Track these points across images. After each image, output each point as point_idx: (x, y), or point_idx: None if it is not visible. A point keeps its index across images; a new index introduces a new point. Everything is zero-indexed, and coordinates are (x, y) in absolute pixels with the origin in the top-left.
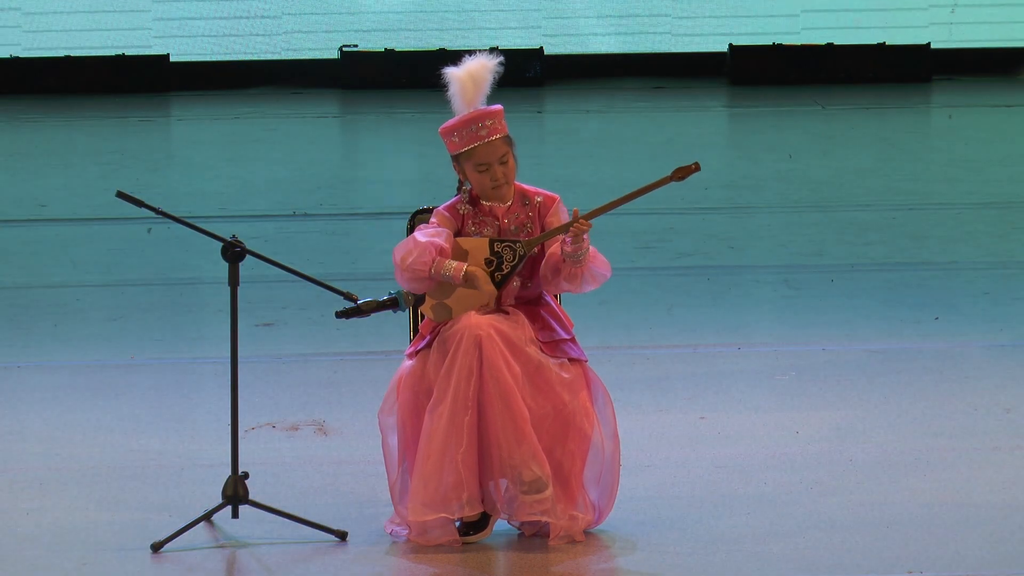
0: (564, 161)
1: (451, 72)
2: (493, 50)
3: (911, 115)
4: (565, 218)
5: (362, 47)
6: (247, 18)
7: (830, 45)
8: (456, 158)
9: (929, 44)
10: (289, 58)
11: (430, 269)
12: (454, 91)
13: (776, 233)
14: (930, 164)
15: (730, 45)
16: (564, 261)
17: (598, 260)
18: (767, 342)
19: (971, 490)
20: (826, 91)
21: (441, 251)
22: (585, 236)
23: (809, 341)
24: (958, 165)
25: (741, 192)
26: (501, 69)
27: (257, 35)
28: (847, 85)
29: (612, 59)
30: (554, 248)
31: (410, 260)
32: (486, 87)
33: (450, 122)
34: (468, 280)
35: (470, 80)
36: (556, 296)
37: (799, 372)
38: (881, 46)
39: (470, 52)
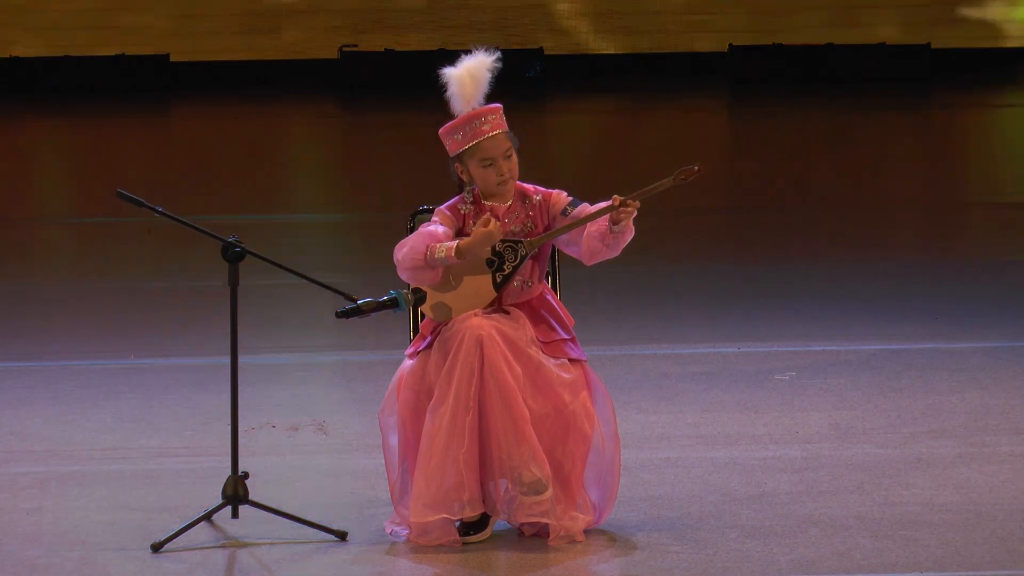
0: (564, 161)
1: (449, 71)
2: (491, 48)
3: (911, 115)
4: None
5: (362, 47)
6: (248, 20)
7: (830, 45)
8: (459, 157)
9: (929, 44)
10: (289, 58)
11: (425, 256)
12: (453, 90)
13: (776, 233)
14: (930, 164)
15: (730, 45)
16: (610, 233)
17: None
18: (767, 342)
19: (971, 490)
20: (826, 91)
21: (435, 237)
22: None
23: (809, 341)
24: (958, 165)
25: (741, 192)
26: (499, 66)
27: (257, 35)
28: (847, 85)
29: (612, 59)
30: (591, 228)
31: (406, 249)
32: (485, 84)
33: (450, 123)
34: (462, 254)
35: (469, 77)
36: (557, 294)
37: (799, 372)
38: (881, 46)
39: (467, 51)
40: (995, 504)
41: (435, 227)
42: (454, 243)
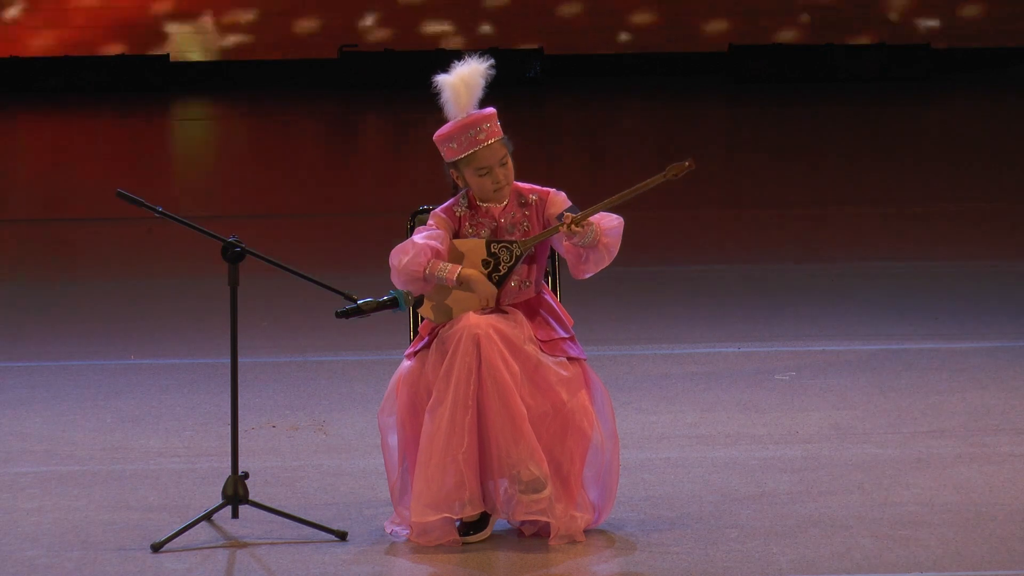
0: (564, 161)
1: (443, 79)
2: (487, 52)
3: (911, 115)
4: (566, 204)
5: (362, 47)
6: (247, 19)
7: (830, 45)
8: (455, 164)
9: (929, 44)
10: (289, 58)
11: (424, 270)
12: (447, 97)
13: (776, 232)
14: (930, 163)
15: (730, 45)
16: (574, 247)
17: (607, 223)
18: (767, 342)
19: (971, 490)
20: (826, 91)
21: (436, 253)
22: (585, 224)
23: (809, 341)
24: (958, 164)
25: (741, 191)
26: (492, 72)
27: (257, 35)
28: (847, 85)
29: (612, 59)
30: (567, 245)
31: (406, 261)
32: (478, 91)
33: (445, 129)
34: (463, 283)
35: (463, 85)
36: (557, 295)
37: (799, 372)
38: (881, 46)
39: (460, 56)
40: (995, 504)
41: (432, 233)
42: (457, 268)
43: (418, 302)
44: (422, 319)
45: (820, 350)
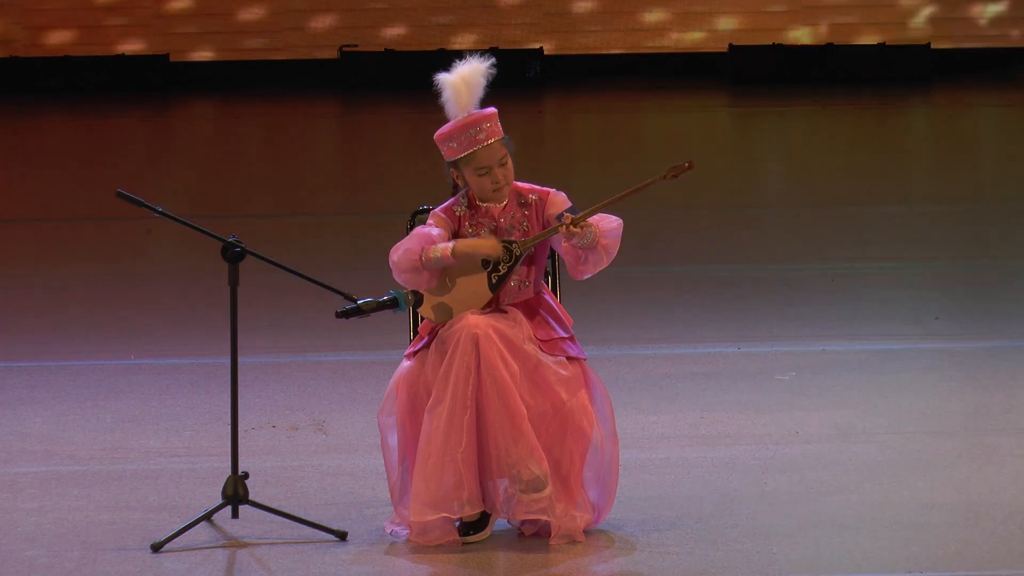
0: (563, 161)
1: (444, 78)
2: (488, 51)
3: (911, 115)
4: (566, 205)
5: (362, 47)
6: (247, 19)
7: (830, 45)
8: (454, 164)
9: (929, 44)
10: (289, 58)
11: (420, 257)
12: (448, 96)
13: (776, 233)
14: (929, 163)
15: (730, 45)
16: (573, 248)
17: (606, 224)
18: (767, 342)
19: (971, 490)
20: (826, 91)
21: (431, 240)
22: (584, 225)
23: (809, 341)
24: (957, 164)
25: (741, 192)
26: (494, 71)
27: (257, 35)
28: (847, 85)
29: (612, 59)
30: (565, 245)
31: (401, 252)
32: (479, 90)
33: (446, 128)
34: (458, 255)
35: (463, 84)
36: (557, 295)
37: (799, 372)
38: (881, 46)
39: (460, 55)
40: (995, 504)
41: (429, 230)
42: (450, 244)
43: (418, 302)
44: (422, 319)
45: (820, 350)
